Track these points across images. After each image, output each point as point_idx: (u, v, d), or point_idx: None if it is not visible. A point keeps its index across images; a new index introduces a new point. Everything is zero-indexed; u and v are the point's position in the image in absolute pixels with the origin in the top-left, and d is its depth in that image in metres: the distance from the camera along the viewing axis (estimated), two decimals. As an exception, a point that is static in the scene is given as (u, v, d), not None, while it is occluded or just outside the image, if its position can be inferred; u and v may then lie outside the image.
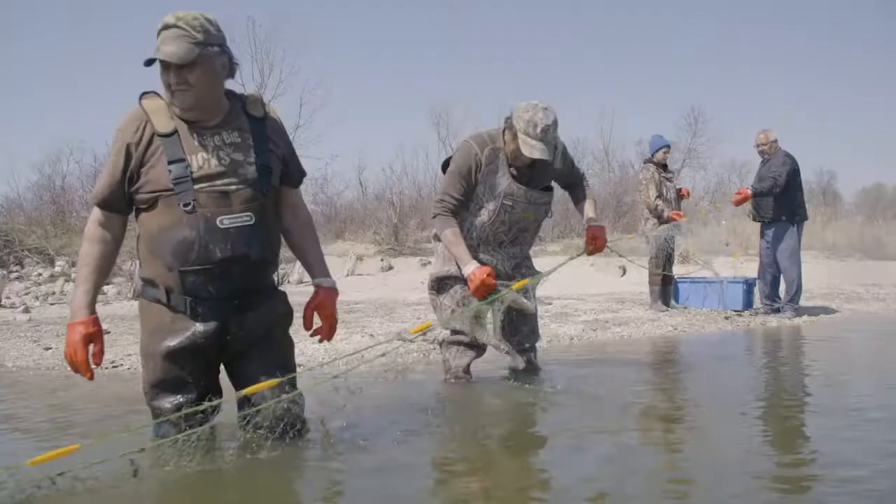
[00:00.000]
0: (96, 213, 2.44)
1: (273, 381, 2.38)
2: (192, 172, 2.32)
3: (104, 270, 2.44)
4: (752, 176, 7.82)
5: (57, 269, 10.02)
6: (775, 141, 7.43)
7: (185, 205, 2.30)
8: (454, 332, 3.63)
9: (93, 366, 2.36)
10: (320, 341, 2.66)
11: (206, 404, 2.33)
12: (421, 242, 14.77)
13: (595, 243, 3.66)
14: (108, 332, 5.74)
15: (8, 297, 8.51)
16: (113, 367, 4.36)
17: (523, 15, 49.32)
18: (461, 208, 3.53)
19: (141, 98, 2.43)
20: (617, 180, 22.64)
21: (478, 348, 3.68)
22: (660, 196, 7.61)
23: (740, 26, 50.13)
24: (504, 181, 3.50)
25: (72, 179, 17.33)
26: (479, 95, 43.71)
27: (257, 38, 18.36)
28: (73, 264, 10.22)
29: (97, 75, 38.25)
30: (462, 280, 3.59)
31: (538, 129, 3.33)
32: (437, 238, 3.72)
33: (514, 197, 3.52)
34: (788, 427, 2.92)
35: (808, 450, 2.58)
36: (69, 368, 2.37)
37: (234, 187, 2.36)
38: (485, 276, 3.32)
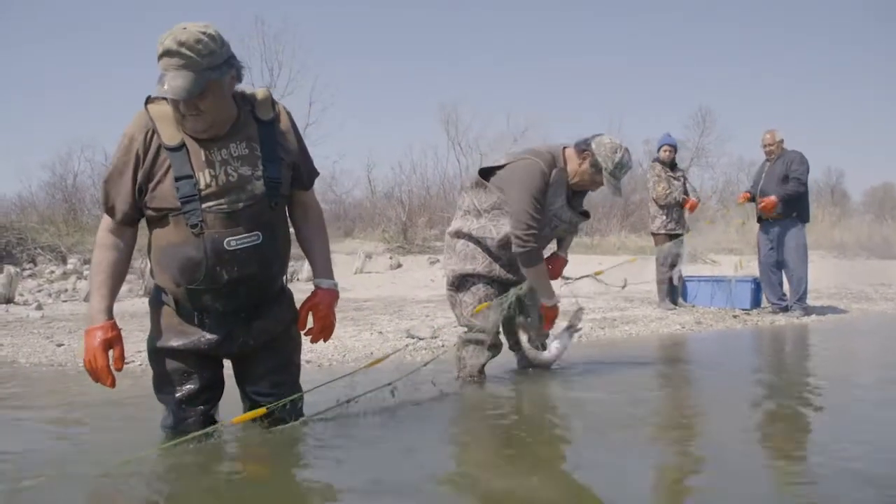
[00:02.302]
0: (107, 220, 2.38)
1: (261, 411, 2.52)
2: (199, 190, 2.26)
3: (119, 276, 2.40)
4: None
5: (69, 266, 10.08)
6: (781, 141, 7.44)
7: (193, 226, 2.26)
8: (473, 329, 3.64)
9: (114, 371, 2.35)
10: (312, 342, 2.63)
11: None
12: (430, 241, 14.78)
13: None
14: (121, 329, 5.79)
15: (21, 295, 8.57)
16: (126, 363, 4.40)
17: (532, 15, 49.29)
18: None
19: (147, 102, 2.32)
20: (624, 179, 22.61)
21: (494, 348, 3.71)
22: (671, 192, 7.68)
23: (748, 26, 50.00)
24: (558, 202, 3.56)
25: (83, 178, 17.54)
26: (488, 95, 43.73)
27: (266, 37, 18.47)
28: (86, 262, 10.28)
29: (106, 73, 38.45)
30: (484, 278, 3.61)
31: (623, 171, 3.50)
32: (455, 235, 3.69)
33: (562, 218, 3.60)
34: (797, 426, 2.93)
35: (818, 449, 2.58)
36: (89, 378, 2.34)
37: (241, 205, 2.30)
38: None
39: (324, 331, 2.59)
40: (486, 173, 3.65)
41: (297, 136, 2.51)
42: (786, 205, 7.22)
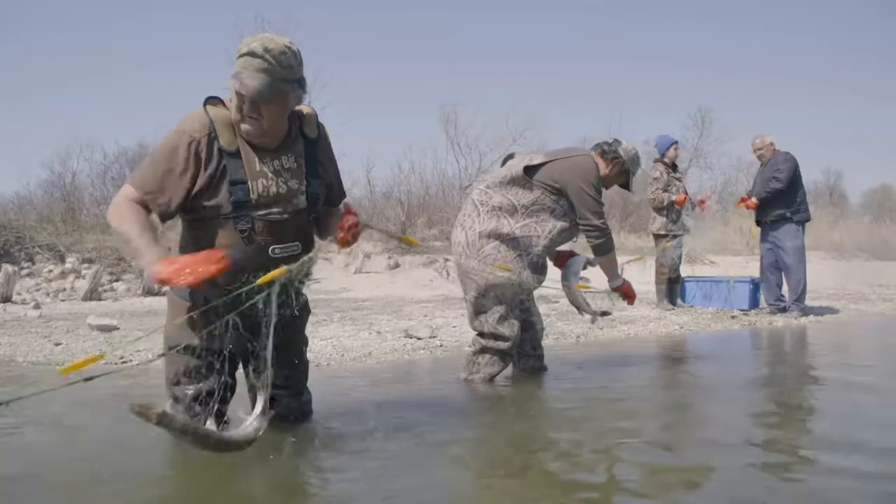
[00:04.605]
0: (131, 193, 2.30)
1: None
2: (252, 198, 2.33)
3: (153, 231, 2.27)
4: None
5: (67, 265, 10.07)
6: (771, 144, 7.46)
7: (242, 231, 2.33)
8: (495, 337, 3.62)
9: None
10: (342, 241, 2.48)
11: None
12: (428, 240, 14.76)
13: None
14: (118, 329, 5.80)
15: (19, 294, 8.57)
16: (123, 363, 4.40)
17: (531, 15, 49.30)
18: None
19: (206, 103, 2.37)
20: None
21: (509, 357, 3.72)
22: (667, 193, 7.64)
23: (747, 27, 49.97)
24: None
25: (82, 177, 17.57)
26: (488, 95, 43.65)
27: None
28: (84, 261, 10.29)
29: (106, 72, 38.38)
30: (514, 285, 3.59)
31: (637, 169, 3.87)
32: (488, 236, 3.58)
33: None
34: (793, 426, 2.94)
35: (813, 450, 2.58)
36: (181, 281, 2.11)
37: (286, 216, 2.39)
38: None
39: (352, 228, 2.47)
40: (526, 171, 3.65)
41: (333, 158, 2.62)
42: (778, 206, 7.24)
